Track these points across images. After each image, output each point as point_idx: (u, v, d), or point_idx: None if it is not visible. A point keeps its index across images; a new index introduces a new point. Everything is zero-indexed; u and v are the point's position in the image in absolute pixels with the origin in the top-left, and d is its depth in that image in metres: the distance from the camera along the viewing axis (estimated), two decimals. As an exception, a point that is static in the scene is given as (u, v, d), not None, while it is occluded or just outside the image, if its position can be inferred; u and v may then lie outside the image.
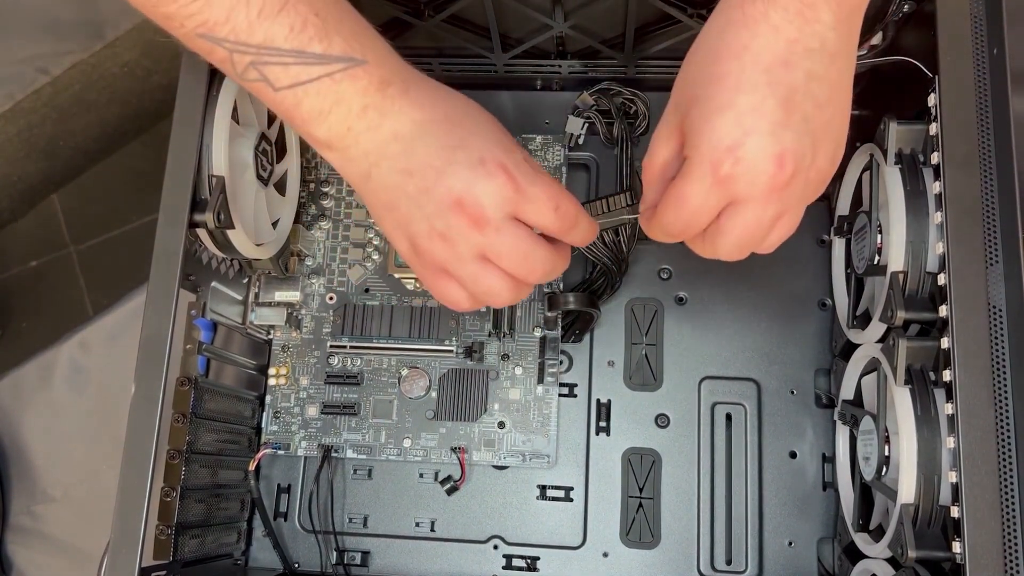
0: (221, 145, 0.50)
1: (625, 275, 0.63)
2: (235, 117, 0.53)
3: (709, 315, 0.63)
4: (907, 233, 0.47)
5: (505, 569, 0.61)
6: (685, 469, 0.61)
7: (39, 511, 0.71)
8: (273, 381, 0.63)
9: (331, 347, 0.63)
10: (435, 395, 0.62)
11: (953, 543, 0.43)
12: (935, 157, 0.47)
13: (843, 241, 0.61)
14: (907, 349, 0.47)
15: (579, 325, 0.62)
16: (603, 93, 0.63)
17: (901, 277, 0.48)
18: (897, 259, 0.48)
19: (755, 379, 0.62)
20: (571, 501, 0.61)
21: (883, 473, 0.49)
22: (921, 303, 0.47)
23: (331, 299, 0.64)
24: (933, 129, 0.48)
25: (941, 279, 0.45)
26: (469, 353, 0.62)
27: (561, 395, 0.62)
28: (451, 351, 0.62)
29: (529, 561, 0.61)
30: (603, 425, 0.62)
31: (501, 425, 0.61)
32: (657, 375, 0.63)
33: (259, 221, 0.57)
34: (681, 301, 0.64)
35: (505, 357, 0.62)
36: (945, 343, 0.45)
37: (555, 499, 0.61)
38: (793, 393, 0.62)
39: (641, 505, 0.61)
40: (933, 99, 0.48)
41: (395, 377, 0.62)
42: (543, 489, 0.62)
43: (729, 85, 0.37)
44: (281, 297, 0.63)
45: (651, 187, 0.43)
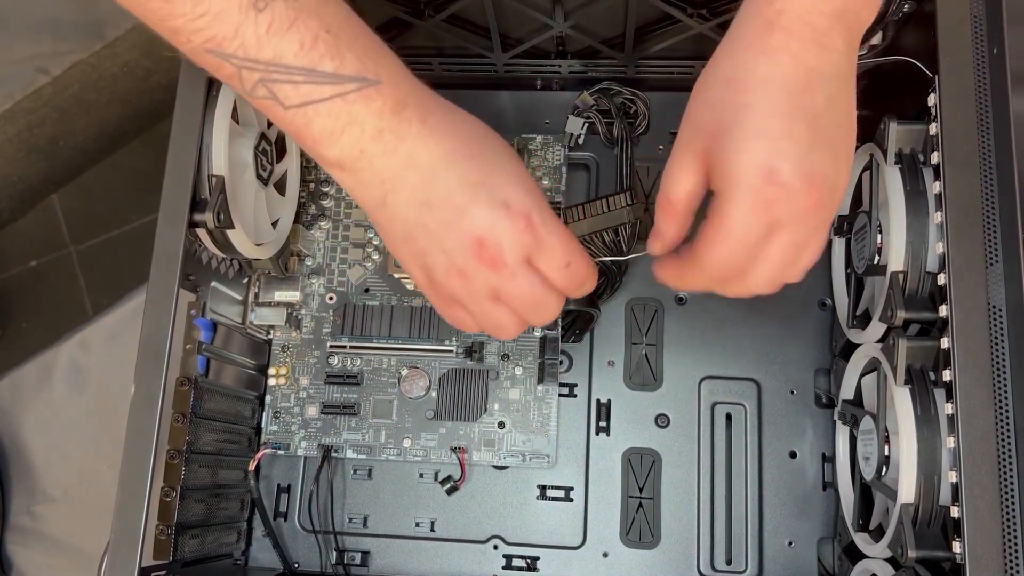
0: (221, 145, 0.50)
1: (625, 275, 0.63)
2: (235, 117, 0.53)
3: (709, 315, 0.63)
4: (907, 233, 0.47)
5: (505, 569, 0.61)
6: (685, 469, 0.61)
7: (39, 511, 0.71)
8: (273, 381, 0.63)
9: (331, 347, 0.63)
10: (435, 395, 0.62)
11: (953, 543, 0.43)
12: (935, 157, 0.47)
13: (843, 241, 0.61)
14: (907, 349, 0.47)
15: (579, 325, 0.62)
16: (603, 93, 0.64)
17: (901, 277, 0.48)
18: (897, 259, 0.48)
19: (755, 379, 0.62)
20: (571, 501, 0.61)
21: (883, 473, 0.49)
22: (921, 303, 0.47)
23: (331, 299, 0.64)
24: (933, 129, 0.48)
25: (941, 279, 0.45)
26: (469, 353, 0.62)
27: (561, 395, 0.62)
28: (451, 351, 0.62)
29: (529, 561, 0.61)
30: (603, 425, 0.62)
31: (501, 425, 0.61)
32: (657, 375, 0.63)
33: (259, 221, 0.57)
34: (681, 301, 0.64)
35: (505, 357, 0.62)
36: (945, 343, 0.45)
37: (555, 499, 0.61)
38: (793, 393, 0.62)
39: (641, 505, 0.61)
40: (933, 99, 0.48)
41: (395, 377, 0.62)
42: (543, 489, 0.62)
43: (760, 112, 0.38)
44: (281, 297, 0.63)
45: (674, 222, 0.42)
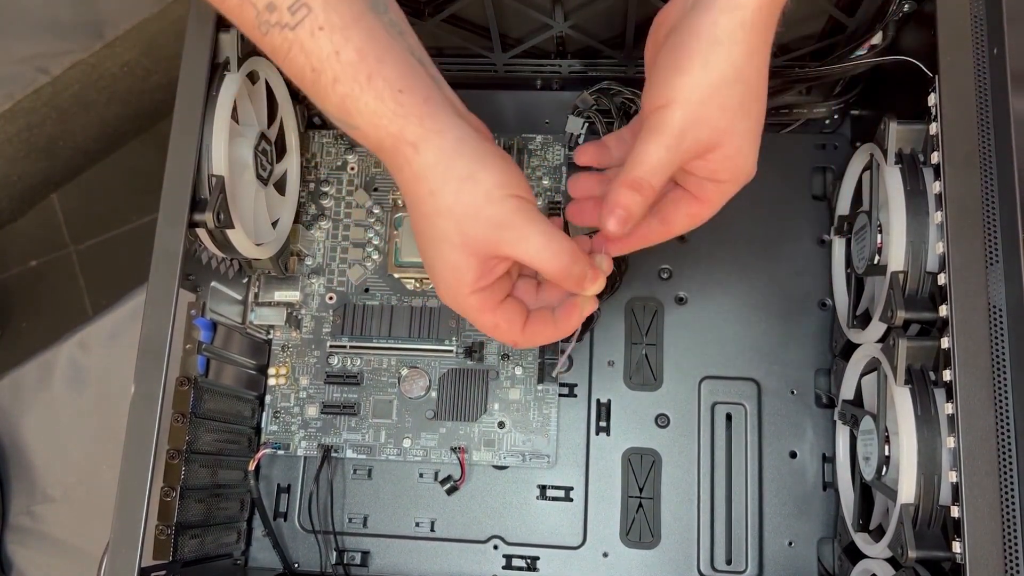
0: (221, 145, 0.50)
1: (625, 275, 0.63)
2: (235, 117, 0.53)
3: (709, 315, 0.63)
4: (907, 233, 0.47)
5: (505, 569, 0.61)
6: (685, 469, 0.61)
7: (39, 511, 0.71)
8: (273, 381, 0.63)
9: (331, 347, 0.63)
10: (435, 395, 0.62)
11: (953, 543, 0.43)
12: (935, 157, 0.47)
13: (843, 241, 0.61)
14: (907, 349, 0.47)
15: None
16: (603, 93, 0.63)
17: (901, 277, 0.48)
18: (897, 259, 0.48)
19: (755, 379, 0.62)
20: (571, 501, 0.61)
21: (883, 473, 0.49)
22: (921, 303, 0.47)
23: (331, 299, 0.64)
24: (933, 129, 0.48)
25: (941, 279, 0.45)
26: (469, 353, 0.62)
27: (561, 395, 0.62)
28: (451, 351, 0.62)
29: (529, 561, 0.61)
30: (603, 425, 0.62)
31: (501, 425, 0.61)
32: (657, 375, 0.63)
33: (259, 221, 0.57)
34: (681, 301, 0.64)
35: (505, 357, 0.62)
36: (945, 343, 0.45)
37: (555, 499, 0.61)
38: (793, 393, 0.62)
39: (641, 505, 0.61)
40: (933, 99, 0.48)
41: (395, 377, 0.62)
42: (543, 489, 0.62)
43: (755, 127, 0.41)
44: (281, 297, 0.63)
45: (647, 204, 0.43)
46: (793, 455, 0.61)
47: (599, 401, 0.63)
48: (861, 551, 0.53)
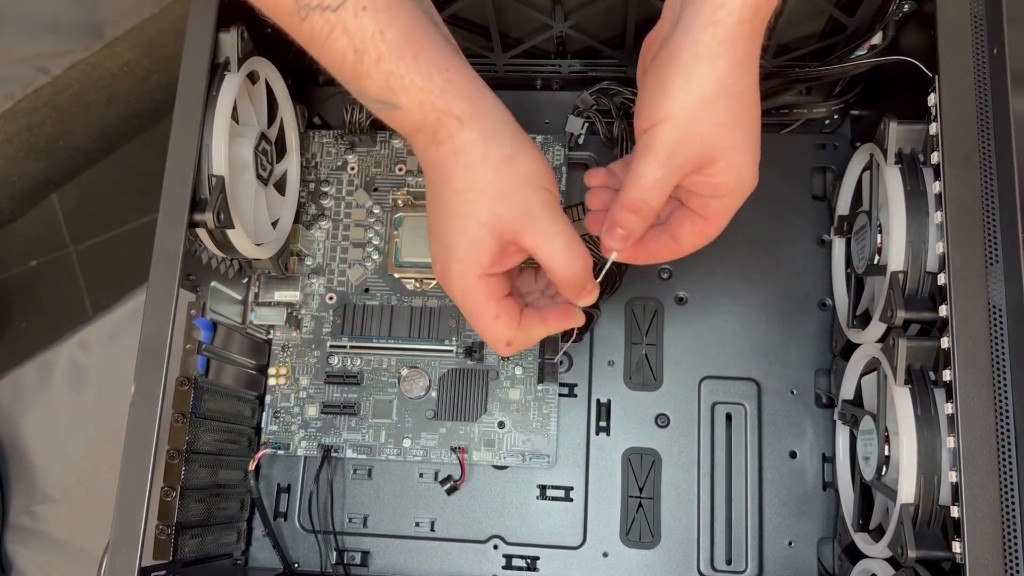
0: (221, 145, 0.50)
1: (625, 275, 0.63)
2: (235, 117, 0.53)
3: (709, 315, 0.63)
4: (907, 233, 0.47)
5: (505, 569, 0.61)
6: (685, 469, 0.61)
7: (39, 511, 0.71)
8: (273, 381, 0.63)
9: (331, 347, 0.63)
10: (435, 395, 0.62)
11: (953, 543, 0.43)
12: (935, 157, 0.47)
13: (843, 241, 0.61)
14: (907, 349, 0.47)
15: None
16: (603, 93, 0.63)
17: (901, 277, 0.48)
18: (897, 259, 0.48)
19: (755, 379, 0.62)
20: (571, 501, 0.61)
21: (883, 473, 0.49)
22: (921, 303, 0.47)
23: (331, 299, 0.64)
24: (933, 129, 0.48)
25: (941, 279, 0.45)
26: (469, 353, 0.62)
27: (561, 395, 0.62)
28: (451, 351, 0.62)
29: (529, 561, 0.61)
30: (603, 425, 0.62)
31: (501, 425, 0.61)
32: (657, 375, 0.63)
33: (259, 221, 0.57)
34: (681, 301, 0.64)
35: (505, 357, 0.62)
36: (945, 343, 0.45)
37: (555, 499, 0.61)
38: (793, 393, 0.62)
39: (641, 505, 0.61)
40: (933, 99, 0.48)
41: (395, 377, 0.62)
42: (543, 489, 0.62)
43: (751, 139, 0.41)
44: (281, 297, 0.63)
45: (647, 224, 0.43)
46: (793, 455, 0.61)
47: (599, 401, 0.63)
48: (861, 551, 0.53)
